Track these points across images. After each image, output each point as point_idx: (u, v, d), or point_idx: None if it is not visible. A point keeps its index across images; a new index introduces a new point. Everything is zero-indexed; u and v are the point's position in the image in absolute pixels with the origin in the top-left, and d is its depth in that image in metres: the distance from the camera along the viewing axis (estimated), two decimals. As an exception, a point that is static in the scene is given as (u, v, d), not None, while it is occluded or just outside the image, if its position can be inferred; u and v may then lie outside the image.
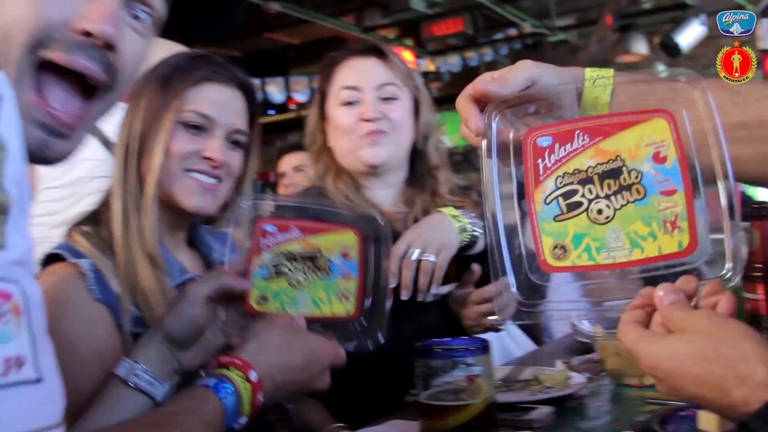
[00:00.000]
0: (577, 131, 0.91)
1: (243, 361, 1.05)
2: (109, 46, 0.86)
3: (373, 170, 1.80)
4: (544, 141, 0.92)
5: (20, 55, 0.81)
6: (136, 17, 0.92)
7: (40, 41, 0.82)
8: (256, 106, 1.47)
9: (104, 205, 1.35)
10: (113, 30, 0.86)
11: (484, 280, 1.71)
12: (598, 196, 0.89)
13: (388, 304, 1.20)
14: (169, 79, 1.35)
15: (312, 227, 1.20)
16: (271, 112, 9.11)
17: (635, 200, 0.88)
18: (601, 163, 0.89)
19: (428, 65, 8.76)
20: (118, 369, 1.08)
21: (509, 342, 2.41)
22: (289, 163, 3.58)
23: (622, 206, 0.88)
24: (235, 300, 1.16)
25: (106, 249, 1.27)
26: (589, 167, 0.90)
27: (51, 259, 1.24)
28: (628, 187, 0.88)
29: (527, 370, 1.60)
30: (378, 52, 1.83)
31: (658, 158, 0.88)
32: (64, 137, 0.85)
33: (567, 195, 0.90)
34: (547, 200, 0.91)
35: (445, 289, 1.75)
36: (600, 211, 0.88)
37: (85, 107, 0.87)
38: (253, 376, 1.05)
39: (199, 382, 1.02)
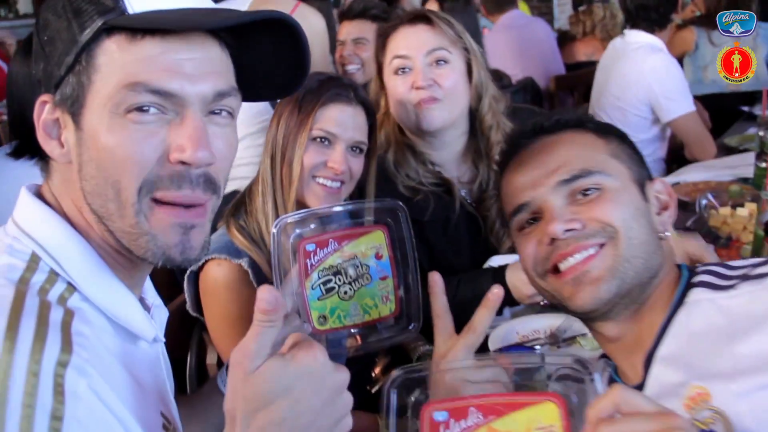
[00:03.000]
0: (471, 408, 0.87)
1: None
2: (206, 165, 0.90)
3: (430, 134, 1.89)
4: (439, 415, 0.88)
5: (135, 200, 0.86)
6: (216, 113, 0.92)
7: (148, 183, 0.86)
8: (375, 119, 1.75)
9: (251, 198, 1.68)
10: (206, 153, 0.87)
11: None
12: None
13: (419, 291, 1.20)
14: (303, 101, 1.64)
15: (344, 235, 1.19)
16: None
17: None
18: None
19: None
20: (218, 382, 1.28)
21: None
22: (349, 32, 3.14)
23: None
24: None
25: (260, 240, 1.61)
26: None
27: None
28: None
29: (576, 324, 1.60)
30: (426, 19, 1.87)
31: None
32: (197, 227, 0.91)
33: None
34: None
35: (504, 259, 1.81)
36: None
37: (203, 207, 0.92)
38: None
39: None
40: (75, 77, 0.86)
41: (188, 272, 1.67)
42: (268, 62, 0.98)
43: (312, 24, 2.96)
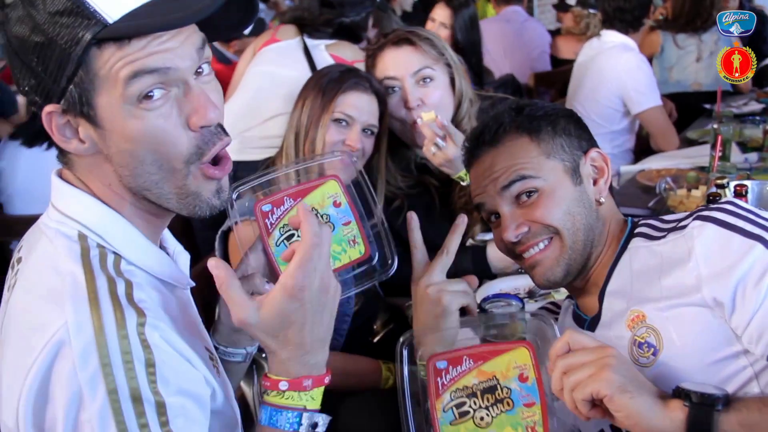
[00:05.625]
0: (464, 356, 1.10)
1: (289, 382, 0.97)
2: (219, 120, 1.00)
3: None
4: (441, 364, 1.10)
5: (183, 168, 0.97)
6: (200, 72, 0.99)
7: (192, 155, 0.97)
8: (386, 106, 1.96)
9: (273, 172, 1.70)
10: (216, 112, 0.97)
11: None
12: (480, 407, 1.09)
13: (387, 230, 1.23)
14: (326, 88, 1.87)
15: (298, 191, 1.20)
16: None
17: (506, 410, 1.08)
18: (482, 382, 1.10)
19: None
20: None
21: None
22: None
23: (497, 415, 1.08)
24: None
25: None
26: (473, 384, 1.09)
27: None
28: (501, 400, 1.09)
29: None
30: (409, 41, 2.00)
31: (522, 378, 1.08)
32: (225, 175, 1.03)
33: (458, 405, 1.09)
34: (445, 409, 1.09)
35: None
36: (482, 418, 1.09)
37: (227, 157, 1.03)
38: (307, 384, 0.98)
39: (259, 421, 1.00)
40: (77, 87, 0.92)
41: (219, 232, 1.84)
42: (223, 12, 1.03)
43: None
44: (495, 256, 1.99)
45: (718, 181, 2.00)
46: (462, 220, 1.32)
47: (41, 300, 0.93)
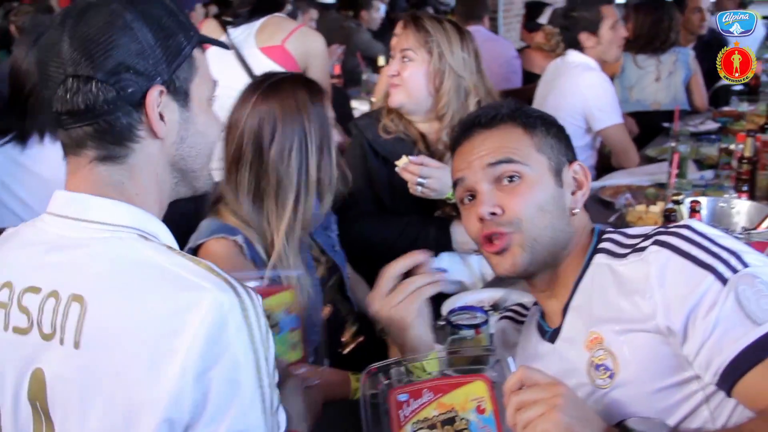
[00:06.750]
0: (424, 389, 1.14)
1: None
2: None
3: (401, 109, 2.28)
4: (402, 396, 1.14)
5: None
6: None
7: None
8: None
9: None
10: None
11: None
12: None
13: None
14: None
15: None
16: None
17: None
18: (442, 413, 1.13)
19: None
20: None
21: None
22: None
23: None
24: None
25: (249, 222, 1.78)
26: (433, 416, 1.12)
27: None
28: (460, 431, 1.10)
29: (513, 296, 1.86)
30: (404, 23, 2.28)
31: (480, 410, 1.12)
32: None
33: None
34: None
35: None
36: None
37: None
38: None
39: None
40: (183, 74, 1.08)
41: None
42: None
43: (311, 45, 3.09)
44: (458, 230, 2.11)
45: (675, 198, 2.07)
46: (418, 257, 1.35)
47: (164, 291, 0.97)
